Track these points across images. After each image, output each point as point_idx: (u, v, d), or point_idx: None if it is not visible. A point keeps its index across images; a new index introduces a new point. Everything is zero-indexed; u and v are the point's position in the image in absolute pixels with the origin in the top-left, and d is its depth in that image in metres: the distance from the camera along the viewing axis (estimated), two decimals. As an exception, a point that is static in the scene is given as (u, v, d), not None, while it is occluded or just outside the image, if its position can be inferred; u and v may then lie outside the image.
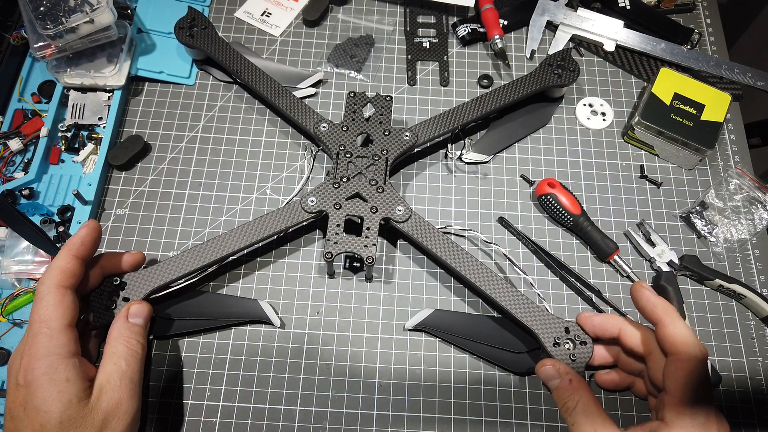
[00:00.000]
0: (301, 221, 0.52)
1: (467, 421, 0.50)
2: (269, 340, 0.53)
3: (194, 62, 0.65)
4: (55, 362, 0.39)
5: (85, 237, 0.45)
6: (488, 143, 0.62)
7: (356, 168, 0.55)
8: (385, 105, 0.58)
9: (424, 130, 0.58)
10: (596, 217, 0.59)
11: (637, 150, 0.63)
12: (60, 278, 0.42)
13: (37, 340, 0.40)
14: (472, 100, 0.60)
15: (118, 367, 0.42)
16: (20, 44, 0.64)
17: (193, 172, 0.60)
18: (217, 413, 0.50)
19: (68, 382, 0.39)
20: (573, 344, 0.48)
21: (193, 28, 0.62)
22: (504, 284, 0.50)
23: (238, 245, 0.51)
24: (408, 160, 0.61)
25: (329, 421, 0.50)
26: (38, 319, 0.40)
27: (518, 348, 0.51)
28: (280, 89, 0.60)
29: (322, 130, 0.57)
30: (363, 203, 0.53)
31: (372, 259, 0.50)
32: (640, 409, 0.51)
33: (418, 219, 0.53)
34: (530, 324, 0.49)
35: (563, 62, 0.62)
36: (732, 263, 0.57)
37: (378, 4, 0.71)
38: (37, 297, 0.41)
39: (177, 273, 0.49)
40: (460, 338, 0.52)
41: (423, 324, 0.52)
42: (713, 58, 0.67)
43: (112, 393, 0.41)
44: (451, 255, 0.51)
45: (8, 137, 0.59)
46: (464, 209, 0.59)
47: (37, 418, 0.38)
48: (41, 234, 0.52)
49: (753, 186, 0.60)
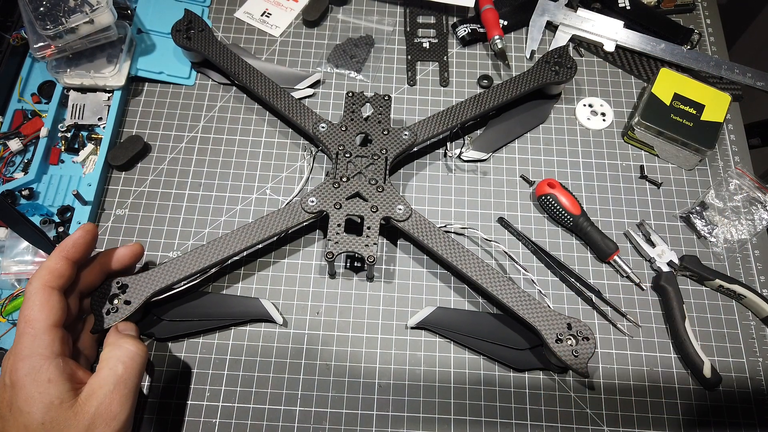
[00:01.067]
0: (301, 222, 0.52)
1: (467, 421, 0.50)
2: (269, 340, 0.53)
3: (192, 65, 0.65)
4: (37, 363, 0.39)
5: (77, 239, 0.45)
6: (487, 141, 0.62)
7: (356, 168, 0.55)
8: (383, 104, 0.58)
9: (423, 129, 0.58)
10: (596, 217, 0.59)
11: (637, 150, 0.63)
12: (47, 278, 0.42)
13: (22, 341, 0.39)
14: (471, 98, 0.60)
15: (114, 371, 0.41)
16: (20, 44, 0.64)
17: (193, 173, 0.60)
18: (216, 413, 0.50)
19: (50, 383, 0.38)
20: (575, 340, 0.48)
21: (190, 30, 0.62)
22: (505, 281, 0.50)
23: (239, 246, 0.51)
24: (407, 160, 0.61)
25: (329, 422, 0.50)
26: (24, 319, 0.40)
27: (520, 344, 0.51)
28: (278, 90, 0.60)
29: (321, 130, 0.57)
30: (363, 203, 0.53)
31: (373, 258, 0.50)
32: (640, 409, 0.51)
33: (419, 218, 0.53)
34: (532, 320, 0.49)
35: (560, 59, 0.62)
36: (732, 263, 0.57)
37: (378, 4, 0.71)
38: (25, 297, 0.41)
39: (178, 275, 0.49)
40: (461, 335, 0.52)
41: (425, 322, 0.52)
42: (713, 58, 0.67)
43: (102, 398, 0.39)
44: (452, 253, 0.51)
45: (8, 137, 0.59)
46: (464, 209, 0.59)
47: (20, 419, 0.38)
48: (41, 234, 0.52)
49: (753, 186, 0.60)
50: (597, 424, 0.50)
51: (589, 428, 0.50)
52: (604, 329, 0.54)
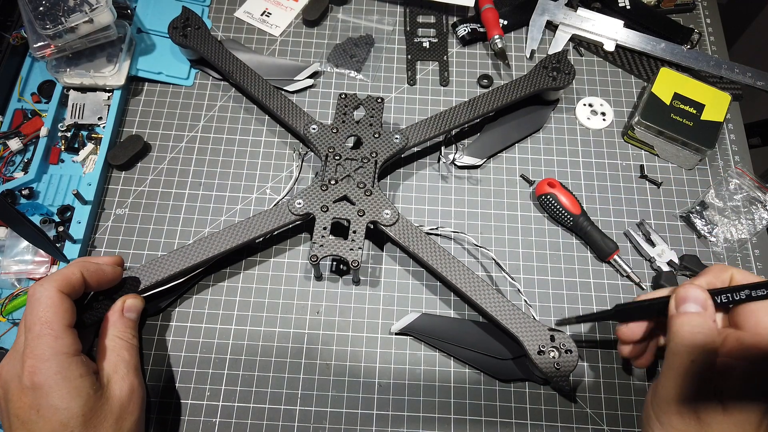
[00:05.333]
0: (288, 223, 0.53)
1: (467, 421, 0.50)
2: (269, 340, 0.53)
3: (190, 62, 0.65)
4: (65, 361, 0.40)
5: (106, 266, 0.46)
6: (481, 146, 0.61)
7: (345, 170, 0.54)
8: (375, 107, 0.58)
9: (415, 133, 0.57)
10: (596, 217, 0.59)
11: (637, 150, 0.63)
12: (63, 285, 0.42)
13: (42, 341, 0.40)
14: (465, 103, 0.59)
15: (122, 357, 0.44)
16: (20, 44, 0.64)
17: (192, 172, 0.60)
18: (216, 413, 0.50)
19: (82, 378, 0.40)
20: (558, 352, 0.47)
21: (186, 28, 0.62)
22: (489, 290, 0.50)
23: (224, 246, 0.51)
24: (401, 163, 0.61)
25: (329, 421, 0.50)
26: (39, 321, 0.40)
27: (503, 354, 0.51)
28: (271, 90, 0.59)
29: (311, 131, 0.57)
30: (350, 206, 0.53)
31: (357, 263, 0.50)
32: (640, 409, 0.51)
33: (405, 223, 0.52)
34: (515, 330, 0.48)
35: (559, 64, 0.61)
36: (732, 263, 0.57)
37: (378, 4, 0.71)
38: (34, 299, 0.41)
39: (162, 274, 0.50)
40: (445, 343, 0.51)
41: (409, 328, 0.52)
42: (713, 58, 0.67)
43: (121, 381, 0.43)
44: (438, 260, 0.51)
45: (8, 137, 0.59)
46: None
47: (56, 417, 0.38)
48: (41, 234, 0.52)
49: (753, 186, 0.60)
50: (597, 424, 0.50)
51: (589, 428, 0.50)
52: (604, 328, 0.54)
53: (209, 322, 0.53)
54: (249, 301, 0.54)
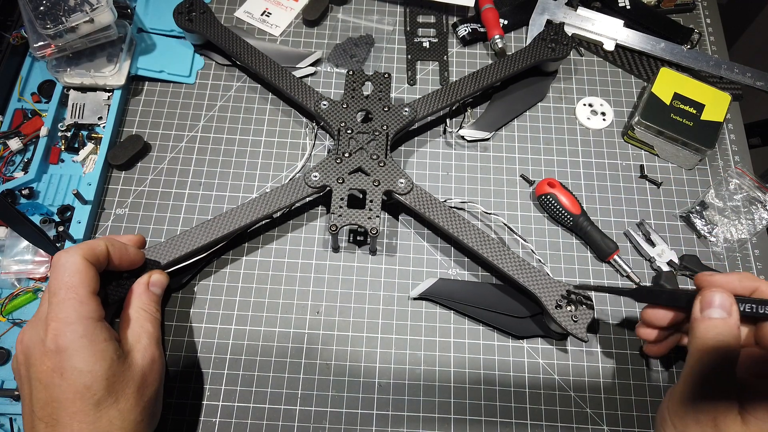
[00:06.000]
0: (305, 196, 0.53)
1: (467, 421, 0.50)
2: (269, 339, 0.53)
3: (195, 48, 0.66)
4: (91, 325, 0.40)
5: (131, 247, 0.47)
6: (488, 120, 0.63)
7: (357, 144, 0.56)
8: (383, 82, 0.59)
9: (423, 106, 0.59)
10: (596, 217, 0.59)
11: (637, 150, 0.63)
12: (88, 253, 0.42)
13: (67, 305, 0.39)
14: (469, 75, 0.61)
15: (145, 329, 0.45)
16: (20, 44, 0.64)
17: (193, 172, 0.60)
18: (216, 413, 0.50)
19: (106, 342, 0.40)
20: (574, 306, 0.49)
21: (191, 12, 0.63)
22: (505, 250, 0.52)
23: (242, 221, 0.52)
24: (408, 137, 0.62)
25: (329, 421, 0.50)
26: (64, 286, 0.40)
27: (521, 313, 0.52)
28: (279, 69, 0.61)
29: (322, 107, 0.58)
30: (365, 177, 0.54)
31: (376, 230, 0.51)
32: (640, 409, 0.51)
33: (420, 191, 0.54)
34: (532, 287, 0.50)
35: (557, 36, 0.63)
36: (732, 263, 0.57)
37: (378, 4, 0.71)
38: (59, 265, 0.41)
39: (184, 250, 0.50)
40: (463, 305, 0.53)
41: (428, 292, 0.53)
42: (713, 58, 0.67)
43: (144, 351, 0.43)
44: (454, 224, 0.52)
45: (8, 137, 0.59)
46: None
47: (80, 380, 0.38)
48: (41, 234, 0.52)
49: (753, 186, 0.60)
50: (597, 424, 0.50)
51: (589, 428, 0.50)
52: (605, 327, 0.54)
53: (209, 322, 0.53)
54: (249, 301, 0.54)
